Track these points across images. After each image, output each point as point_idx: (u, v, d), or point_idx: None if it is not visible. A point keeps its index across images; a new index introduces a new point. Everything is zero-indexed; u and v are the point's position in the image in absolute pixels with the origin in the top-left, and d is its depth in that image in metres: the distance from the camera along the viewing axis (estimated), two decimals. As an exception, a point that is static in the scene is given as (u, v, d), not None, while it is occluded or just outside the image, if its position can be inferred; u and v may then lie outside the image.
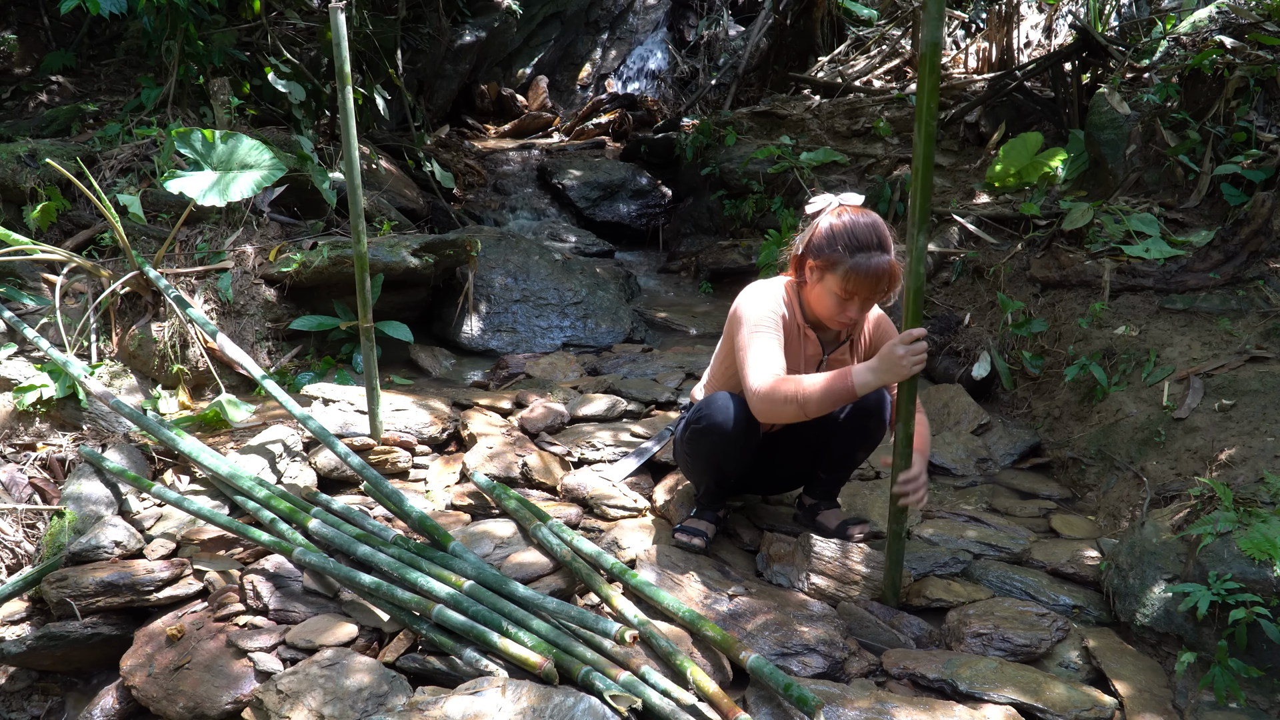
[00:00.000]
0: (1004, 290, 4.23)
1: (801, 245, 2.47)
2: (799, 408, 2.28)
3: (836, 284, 2.37)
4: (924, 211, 2.13)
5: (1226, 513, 2.39)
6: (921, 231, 2.12)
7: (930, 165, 2.10)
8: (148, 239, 4.37)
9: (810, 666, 2.27)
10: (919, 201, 2.11)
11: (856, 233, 2.36)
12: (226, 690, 2.24)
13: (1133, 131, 4.67)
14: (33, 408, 3.46)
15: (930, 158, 2.10)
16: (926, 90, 2.05)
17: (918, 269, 2.18)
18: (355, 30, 6.16)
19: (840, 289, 2.37)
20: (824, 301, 2.43)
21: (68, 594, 2.56)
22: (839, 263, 2.35)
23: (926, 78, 2.04)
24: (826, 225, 2.41)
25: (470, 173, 7.79)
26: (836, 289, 2.38)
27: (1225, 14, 5.17)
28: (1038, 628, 2.43)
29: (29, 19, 5.97)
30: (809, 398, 2.26)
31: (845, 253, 2.35)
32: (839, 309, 2.42)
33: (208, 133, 3.78)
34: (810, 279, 2.45)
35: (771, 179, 6.27)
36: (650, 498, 3.11)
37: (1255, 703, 2.15)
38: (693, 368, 4.32)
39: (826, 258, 2.37)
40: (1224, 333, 3.50)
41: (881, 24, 8.54)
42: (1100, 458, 3.36)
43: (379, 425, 3.33)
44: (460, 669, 2.23)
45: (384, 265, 4.35)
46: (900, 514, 2.45)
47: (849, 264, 2.34)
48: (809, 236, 2.45)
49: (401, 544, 2.64)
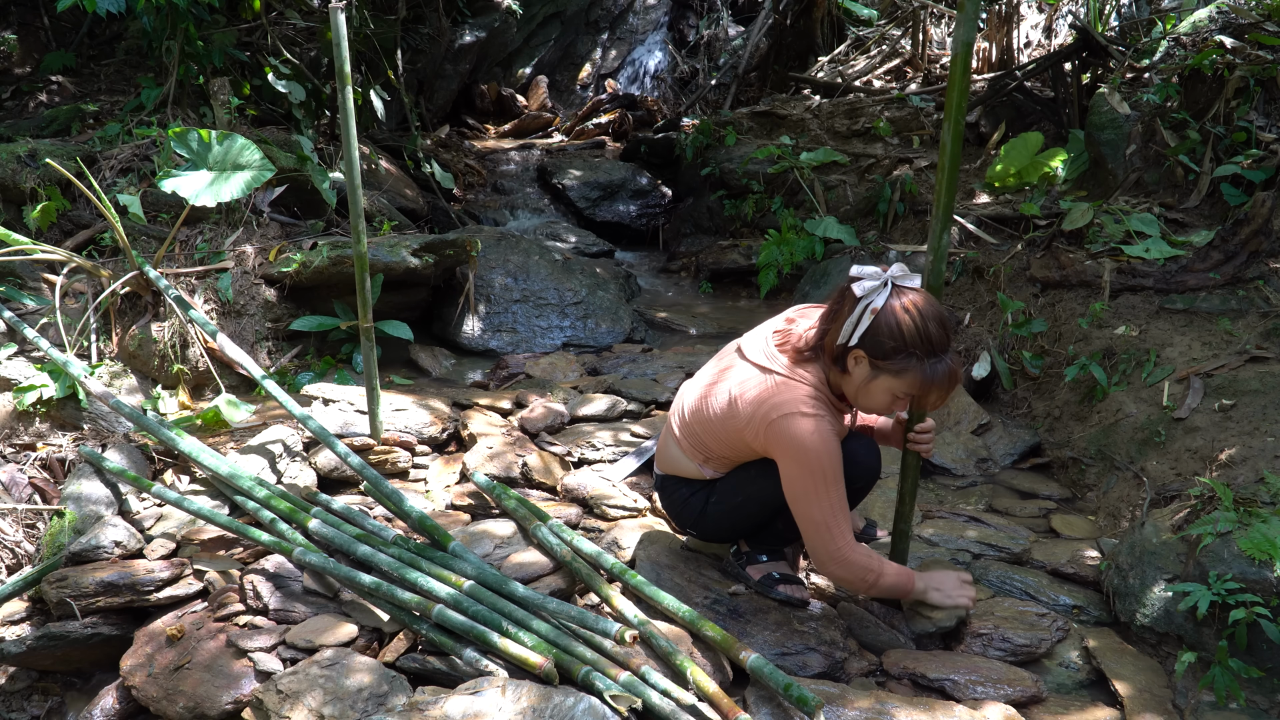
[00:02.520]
0: (1004, 290, 4.23)
1: (852, 336, 2.13)
2: (868, 584, 2.31)
3: (900, 387, 2.14)
4: (948, 210, 2.12)
5: (1226, 513, 2.39)
6: (946, 230, 2.12)
7: (957, 163, 2.10)
8: (148, 239, 4.37)
9: (810, 666, 2.28)
10: (944, 199, 2.10)
11: (930, 335, 2.08)
12: (226, 690, 2.24)
13: (1133, 131, 4.67)
14: (33, 408, 3.46)
15: (957, 156, 2.09)
16: (958, 90, 2.05)
17: (939, 268, 2.16)
18: (355, 30, 6.16)
19: (903, 392, 2.16)
20: (872, 396, 2.19)
21: (68, 594, 2.56)
22: (908, 370, 2.10)
23: (959, 78, 2.05)
24: (893, 322, 2.08)
25: (470, 173, 7.79)
26: (897, 391, 2.15)
27: (1225, 14, 5.17)
28: (1038, 628, 2.43)
29: (29, 19, 5.97)
30: (881, 581, 2.31)
31: (917, 360, 2.08)
32: (889, 405, 2.22)
33: (204, 133, 3.78)
34: (854, 368, 2.17)
35: (771, 179, 6.27)
36: (650, 498, 3.10)
37: (1255, 703, 2.15)
38: (692, 368, 4.31)
39: (892, 362, 2.10)
40: (1224, 333, 3.50)
41: (881, 24, 8.54)
42: (1100, 458, 3.36)
43: (379, 425, 3.33)
44: (460, 669, 2.23)
45: (384, 265, 4.35)
46: (906, 514, 2.46)
47: (922, 373, 2.09)
48: (861, 326, 2.11)
49: (401, 544, 2.64)
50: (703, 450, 2.42)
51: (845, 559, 2.25)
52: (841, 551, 2.25)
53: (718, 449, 2.38)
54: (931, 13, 7.85)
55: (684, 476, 2.51)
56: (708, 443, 2.39)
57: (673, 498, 2.56)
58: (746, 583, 2.53)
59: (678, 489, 2.53)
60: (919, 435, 2.39)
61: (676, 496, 2.55)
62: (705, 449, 2.41)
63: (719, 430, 2.33)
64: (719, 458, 2.41)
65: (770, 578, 2.49)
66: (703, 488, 2.48)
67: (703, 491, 2.48)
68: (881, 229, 5.58)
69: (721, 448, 2.37)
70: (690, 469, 2.47)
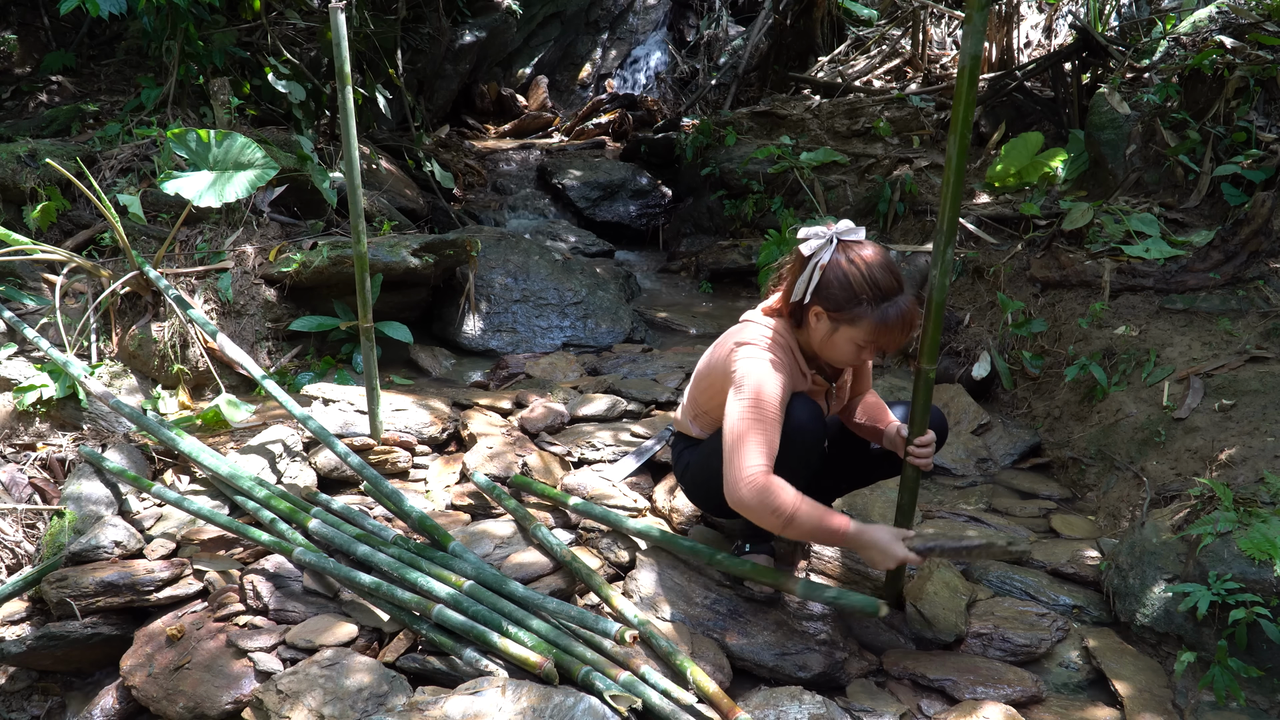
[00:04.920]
0: (1004, 290, 4.23)
1: (805, 292, 2.21)
2: (781, 521, 2.09)
3: (859, 335, 2.19)
4: (953, 222, 2.09)
5: (1226, 513, 2.39)
6: (950, 244, 2.09)
7: (961, 176, 2.07)
8: (148, 239, 4.37)
9: (810, 667, 2.27)
10: (949, 210, 2.07)
11: (878, 281, 2.14)
12: (226, 690, 2.24)
13: (1133, 131, 4.68)
14: (33, 408, 3.46)
15: (962, 169, 2.07)
16: (964, 103, 2.04)
17: (943, 281, 2.14)
18: (355, 30, 6.16)
19: (864, 340, 2.20)
20: (838, 349, 2.24)
21: (68, 594, 2.56)
22: (862, 317, 2.15)
23: (965, 90, 2.03)
24: (840, 274, 2.16)
25: (470, 173, 7.79)
26: (858, 339, 2.20)
27: (1225, 14, 5.17)
28: (1038, 628, 2.43)
29: (29, 19, 5.97)
30: (799, 519, 2.09)
31: (869, 306, 2.14)
32: (856, 355, 2.25)
33: (203, 133, 3.78)
34: (815, 325, 2.24)
35: (771, 179, 6.27)
36: (650, 498, 3.10)
37: (1255, 703, 2.15)
38: (692, 367, 4.31)
39: (846, 312, 2.16)
40: (1224, 333, 3.50)
41: (881, 24, 8.54)
42: (1100, 458, 3.36)
43: (379, 425, 3.33)
44: (460, 669, 2.23)
45: (384, 265, 4.35)
46: (906, 521, 2.46)
47: (875, 317, 2.15)
48: (813, 282, 2.19)
49: (401, 544, 2.64)
50: (695, 406, 2.55)
51: (752, 483, 2.06)
52: (748, 473, 2.07)
53: (704, 403, 2.50)
54: (931, 13, 7.85)
55: (685, 434, 2.65)
56: (698, 398, 2.52)
57: (674, 453, 2.70)
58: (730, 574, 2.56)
59: (678, 444, 2.68)
60: (917, 449, 2.33)
61: (676, 450, 2.69)
62: (696, 404, 2.55)
63: (704, 382, 2.47)
64: (704, 414, 2.52)
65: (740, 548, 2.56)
66: (694, 444, 2.60)
67: (692, 448, 2.61)
68: (881, 229, 5.58)
69: (706, 401, 2.48)
70: (685, 425, 2.61)
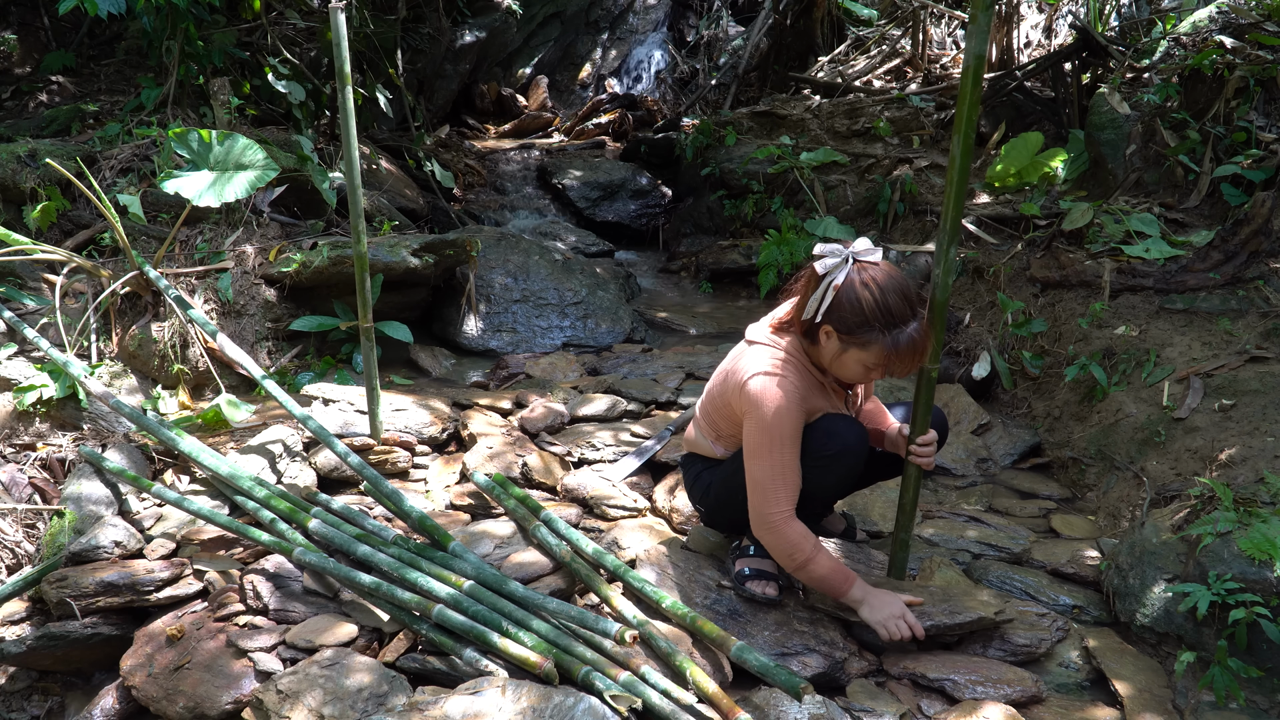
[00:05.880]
0: (1004, 290, 4.23)
1: (817, 311, 2.20)
2: (795, 563, 2.25)
3: (868, 359, 2.18)
4: (956, 224, 2.10)
5: (1226, 513, 2.39)
6: (953, 245, 2.10)
7: (966, 176, 2.07)
8: (148, 239, 4.37)
9: (810, 666, 2.27)
10: (952, 213, 2.08)
11: (890, 307, 2.12)
12: (226, 690, 2.24)
13: (1133, 131, 4.67)
14: (33, 408, 3.46)
15: (966, 169, 2.07)
16: (968, 104, 2.03)
17: (946, 281, 2.16)
18: (355, 30, 6.16)
19: (873, 363, 2.19)
20: (846, 368, 2.24)
21: (68, 594, 2.56)
22: (873, 342, 2.14)
23: (969, 91, 2.02)
24: (853, 297, 2.14)
25: (470, 173, 7.79)
26: (867, 362, 2.20)
27: (1225, 14, 5.17)
28: (1038, 628, 2.43)
29: (29, 19, 5.97)
30: (811, 566, 2.24)
31: (881, 332, 2.13)
32: (864, 375, 2.25)
33: (204, 133, 3.78)
34: (825, 343, 2.23)
35: (771, 179, 6.27)
36: (650, 498, 3.11)
37: (1255, 703, 2.15)
38: (692, 368, 4.32)
39: (857, 336, 2.15)
40: (1224, 333, 3.50)
41: (881, 24, 8.54)
42: (1100, 458, 3.36)
43: (379, 425, 3.33)
44: (460, 669, 2.23)
45: (384, 265, 4.35)
46: (907, 524, 2.46)
47: (886, 343, 2.13)
48: (825, 302, 2.18)
49: (401, 544, 2.64)
50: (714, 428, 2.51)
51: (776, 527, 2.23)
52: (773, 518, 2.23)
53: (725, 426, 2.47)
54: (932, 13, 7.85)
55: (701, 454, 2.61)
56: (717, 420, 2.49)
57: (689, 473, 2.66)
58: (729, 574, 2.55)
59: (694, 465, 2.64)
60: (919, 449, 2.37)
61: (691, 472, 2.64)
62: (716, 426, 2.51)
63: (722, 406, 2.43)
64: (727, 436, 2.48)
65: (742, 574, 2.49)
66: (713, 465, 2.56)
67: (712, 469, 2.56)
68: (881, 229, 5.58)
69: (726, 425, 2.45)
70: (706, 447, 2.56)
